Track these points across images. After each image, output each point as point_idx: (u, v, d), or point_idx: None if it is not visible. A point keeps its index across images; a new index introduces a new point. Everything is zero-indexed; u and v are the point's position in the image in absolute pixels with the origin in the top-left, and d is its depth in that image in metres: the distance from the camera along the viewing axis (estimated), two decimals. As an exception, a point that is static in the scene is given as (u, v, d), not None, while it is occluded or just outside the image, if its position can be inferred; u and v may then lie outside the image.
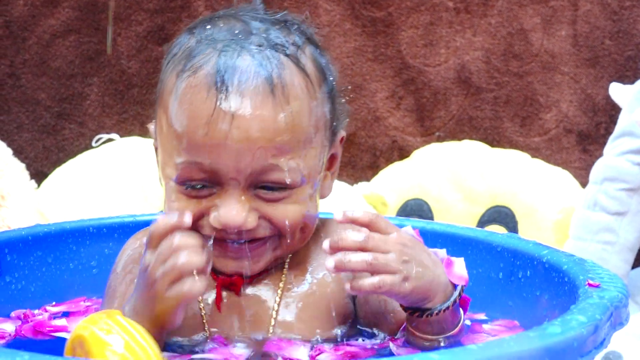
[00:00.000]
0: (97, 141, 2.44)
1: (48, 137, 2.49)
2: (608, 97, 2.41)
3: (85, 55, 2.48)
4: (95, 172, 2.31)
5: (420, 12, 2.52)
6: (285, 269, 1.23)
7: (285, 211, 1.16)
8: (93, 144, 2.44)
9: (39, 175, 2.40)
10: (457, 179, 2.39)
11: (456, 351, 0.89)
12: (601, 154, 2.24)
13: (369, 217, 1.12)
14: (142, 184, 2.28)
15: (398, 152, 2.54)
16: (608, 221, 2.15)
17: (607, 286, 1.11)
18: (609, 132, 2.28)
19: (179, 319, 1.08)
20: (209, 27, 1.19)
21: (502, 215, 2.37)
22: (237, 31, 1.17)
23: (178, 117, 1.14)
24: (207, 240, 1.10)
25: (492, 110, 2.55)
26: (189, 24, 1.26)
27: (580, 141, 2.55)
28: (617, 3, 2.52)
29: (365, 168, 2.53)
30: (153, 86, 2.72)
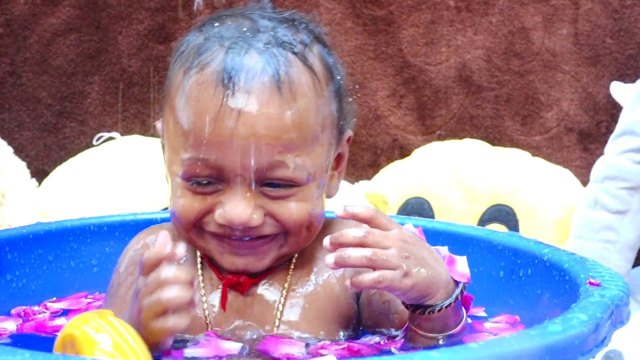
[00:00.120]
0: (98, 140, 2.44)
1: (49, 136, 2.49)
2: (609, 96, 2.41)
3: (86, 53, 2.48)
4: (96, 171, 2.31)
5: (421, 11, 2.52)
6: (290, 269, 1.23)
7: (290, 209, 1.16)
8: (94, 143, 2.44)
9: (40, 173, 2.40)
10: (458, 178, 2.39)
11: (457, 349, 0.89)
12: (602, 153, 2.24)
13: (370, 213, 1.12)
14: (143, 182, 2.28)
15: (399, 151, 2.54)
16: (609, 220, 2.15)
17: (608, 285, 1.11)
18: (610, 131, 2.28)
19: (168, 345, 1.07)
20: (217, 25, 1.19)
21: (503, 213, 2.37)
22: (245, 29, 1.17)
23: (185, 114, 1.14)
24: (196, 276, 1.08)
25: (493, 108, 2.55)
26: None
27: (581, 140, 2.55)
28: (618, 2, 2.52)
29: (366, 166, 2.53)
30: (154, 85, 2.71)
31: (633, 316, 1.47)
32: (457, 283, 1.14)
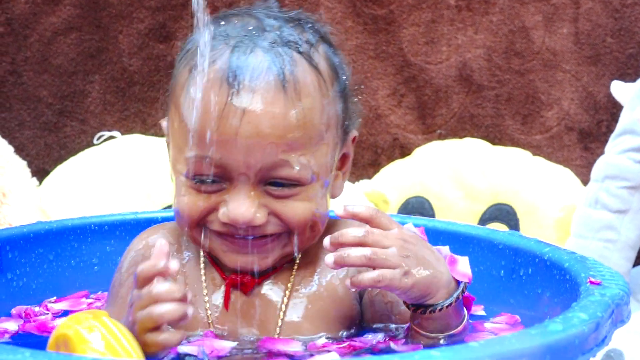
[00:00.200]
0: (99, 139, 2.44)
1: (50, 135, 2.49)
2: (609, 95, 2.41)
3: (86, 52, 2.48)
4: (96, 170, 2.31)
5: (421, 10, 2.52)
6: (294, 269, 1.23)
7: (294, 208, 1.16)
8: (94, 142, 2.44)
9: (41, 172, 2.40)
10: (459, 177, 2.39)
11: (458, 348, 0.89)
12: (602, 152, 2.24)
13: (370, 213, 1.12)
14: (144, 181, 2.28)
15: (399, 150, 2.54)
16: (609, 219, 2.15)
17: (609, 284, 1.11)
18: (611, 130, 2.28)
19: (164, 355, 1.06)
20: (223, 24, 1.19)
21: (504, 213, 2.37)
22: (251, 28, 1.17)
23: (189, 112, 1.14)
24: (188, 292, 1.07)
25: (494, 108, 2.54)
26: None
27: (581, 139, 2.55)
28: (619, 1, 2.52)
29: (366, 166, 2.53)
30: (155, 84, 2.71)
31: (633, 315, 1.47)
32: (459, 283, 1.14)
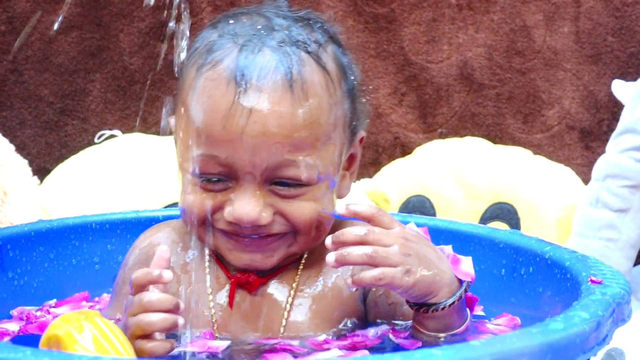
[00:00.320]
0: (100, 137, 2.44)
1: (50, 134, 2.49)
2: (610, 94, 2.41)
3: (87, 51, 2.48)
4: (97, 169, 2.31)
5: (422, 9, 2.52)
6: (299, 269, 1.22)
7: (300, 208, 1.16)
8: (95, 140, 2.44)
9: (42, 171, 2.40)
10: (460, 176, 2.39)
11: (459, 347, 0.89)
12: (603, 151, 2.23)
13: (372, 211, 1.11)
14: (145, 180, 2.28)
15: (400, 149, 2.54)
16: (610, 218, 2.15)
17: (610, 283, 1.11)
18: (612, 129, 2.28)
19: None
20: (232, 22, 1.19)
21: (505, 212, 2.37)
22: (260, 27, 1.17)
23: (196, 111, 1.14)
24: (180, 302, 1.08)
25: (495, 106, 2.54)
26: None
27: (582, 138, 2.55)
28: (620, 0, 2.52)
29: (367, 164, 2.53)
30: (155, 82, 2.71)
31: (634, 314, 1.47)
32: (461, 282, 1.13)
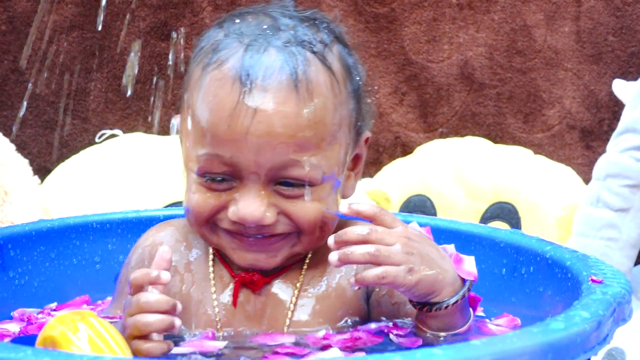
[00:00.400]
0: (101, 137, 2.44)
1: (51, 133, 2.49)
2: (611, 94, 2.40)
3: (88, 50, 2.48)
4: (98, 168, 2.31)
5: (423, 8, 2.52)
6: (303, 269, 1.23)
7: (304, 208, 1.16)
8: (96, 140, 2.44)
9: (43, 170, 2.40)
10: (460, 175, 2.39)
11: (460, 346, 0.89)
12: (604, 151, 2.23)
13: (374, 211, 1.12)
14: (146, 180, 2.28)
15: (401, 148, 2.54)
16: (611, 217, 2.15)
17: (610, 282, 1.11)
18: (612, 129, 2.28)
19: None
20: (238, 22, 1.19)
21: (505, 211, 2.37)
22: (266, 26, 1.17)
23: (201, 110, 1.14)
24: (178, 303, 1.08)
25: (495, 106, 2.54)
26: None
27: (583, 137, 2.55)
28: (621, -1, 2.52)
29: (368, 164, 2.53)
30: (156, 82, 2.70)
31: (635, 314, 1.47)
32: (464, 282, 1.13)
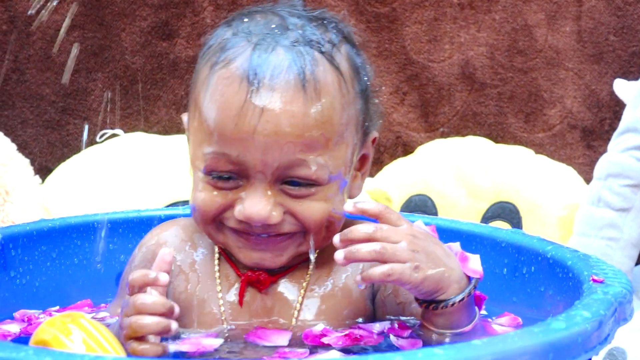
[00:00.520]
0: (102, 137, 2.44)
1: (52, 133, 2.49)
2: (612, 93, 2.40)
3: (89, 50, 2.48)
4: (99, 168, 2.31)
5: (424, 8, 2.52)
6: (310, 269, 1.23)
7: (310, 208, 1.16)
8: (97, 140, 2.44)
9: (44, 170, 2.40)
10: (461, 175, 2.39)
11: (460, 346, 0.89)
12: (605, 150, 2.23)
13: (379, 209, 1.11)
14: (147, 179, 2.28)
15: (402, 148, 2.54)
16: (612, 217, 2.15)
17: (612, 282, 1.12)
18: (613, 128, 2.28)
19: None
20: (246, 20, 1.19)
21: (506, 211, 2.37)
22: (274, 25, 1.17)
23: (209, 108, 1.14)
24: (175, 306, 1.08)
25: (496, 106, 2.54)
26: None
27: (584, 137, 2.55)
28: (622, -1, 2.52)
29: (369, 164, 2.53)
30: (157, 82, 2.71)
31: (636, 313, 1.47)
32: (470, 280, 1.13)
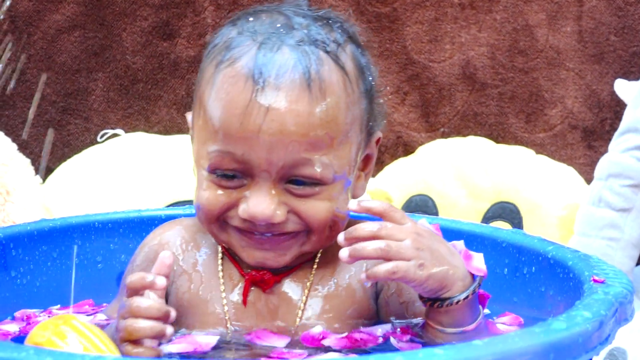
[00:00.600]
0: (102, 136, 2.44)
1: (53, 132, 2.49)
2: (613, 93, 2.40)
3: (90, 50, 2.48)
4: (100, 168, 2.31)
5: (425, 8, 2.52)
6: (313, 268, 1.23)
7: (314, 207, 1.16)
8: (98, 139, 2.44)
9: (44, 170, 2.40)
10: (462, 175, 2.39)
11: (461, 347, 0.89)
12: (606, 150, 2.23)
13: (384, 207, 1.12)
14: (148, 179, 2.28)
15: (403, 148, 2.54)
16: (613, 217, 2.15)
17: (612, 282, 1.12)
18: (614, 129, 2.28)
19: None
20: (252, 20, 1.19)
21: (507, 211, 2.37)
22: (279, 25, 1.17)
23: (214, 107, 1.14)
24: (172, 310, 1.08)
25: (497, 106, 2.54)
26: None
27: (585, 137, 2.55)
28: (623, -1, 2.52)
29: (369, 164, 2.53)
30: (158, 81, 2.71)
31: (637, 314, 1.47)
32: (474, 278, 1.13)
